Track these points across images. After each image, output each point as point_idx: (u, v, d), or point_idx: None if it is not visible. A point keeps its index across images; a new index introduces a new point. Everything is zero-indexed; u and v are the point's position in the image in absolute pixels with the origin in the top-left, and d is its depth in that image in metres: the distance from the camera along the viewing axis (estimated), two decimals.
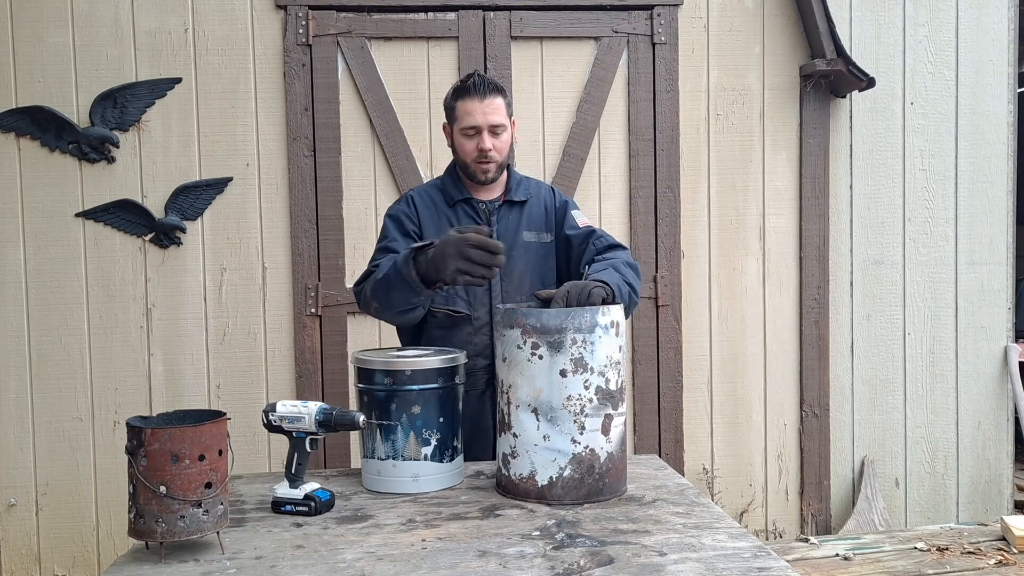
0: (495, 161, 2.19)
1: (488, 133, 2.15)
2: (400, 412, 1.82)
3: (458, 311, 2.19)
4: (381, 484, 1.85)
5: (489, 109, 2.15)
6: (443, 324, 2.20)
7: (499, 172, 2.22)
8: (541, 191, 2.34)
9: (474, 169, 2.20)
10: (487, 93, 2.15)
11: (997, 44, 3.58)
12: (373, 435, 1.84)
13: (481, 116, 2.14)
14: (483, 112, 2.14)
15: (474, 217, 2.23)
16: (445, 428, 1.86)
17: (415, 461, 1.83)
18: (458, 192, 2.25)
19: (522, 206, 2.27)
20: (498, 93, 2.17)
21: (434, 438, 1.84)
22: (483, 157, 2.17)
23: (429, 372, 1.84)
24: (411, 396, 1.82)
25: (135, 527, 1.44)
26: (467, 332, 2.20)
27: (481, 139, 2.15)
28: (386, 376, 1.83)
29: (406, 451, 1.83)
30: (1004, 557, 2.73)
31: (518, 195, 2.27)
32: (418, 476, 1.84)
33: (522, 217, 2.26)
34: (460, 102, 2.17)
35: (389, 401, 1.83)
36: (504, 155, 2.21)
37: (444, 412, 1.87)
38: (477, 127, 2.15)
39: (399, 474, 1.84)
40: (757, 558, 1.42)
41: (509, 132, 2.22)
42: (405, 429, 1.82)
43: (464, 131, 2.18)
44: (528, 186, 2.32)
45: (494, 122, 2.15)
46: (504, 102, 2.19)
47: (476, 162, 2.18)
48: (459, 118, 2.18)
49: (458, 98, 2.18)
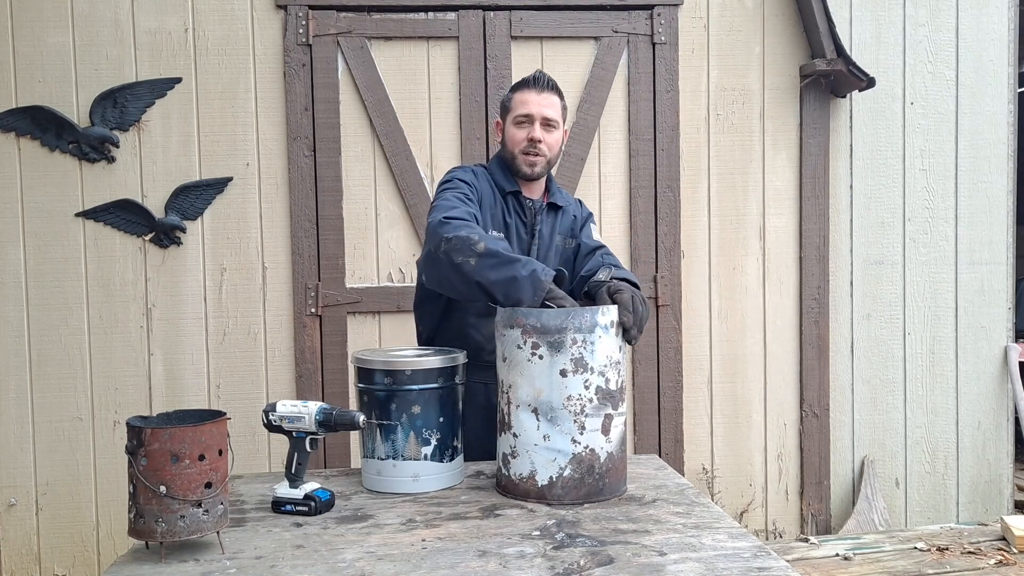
0: (544, 155, 2.19)
1: (540, 124, 2.16)
2: (400, 412, 1.83)
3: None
4: (381, 484, 1.85)
5: (546, 102, 2.17)
6: (480, 312, 2.16)
7: (545, 168, 2.23)
8: (571, 200, 2.39)
9: (520, 161, 2.19)
10: (546, 88, 2.17)
11: (997, 44, 3.58)
12: (373, 435, 1.84)
13: (536, 106, 2.16)
14: (539, 103, 2.16)
15: (520, 213, 2.24)
16: (445, 428, 1.86)
17: (415, 461, 1.83)
18: (508, 184, 2.24)
19: (559, 211, 2.30)
20: (556, 93, 2.20)
21: (434, 438, 1.84)
22: (532, 147, 2.17)
23: (429, 372, 1.84)
24: (411, 396, 1.83)
25: (135, 527, 1.44)
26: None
27: (532, 128, 2.16)
28: (386, 376, 1.83)
29: (406, 451, 1.83)
30: (1004, 557, 2.73)
31: (559, 200, 2.31)
32: (418, 476, 1.84)
33: (557, 221, 2.29)
34: (517, 93, 2.20)
35: (389, 401, 1.83)
36: (553, 152, 2.22)
37: (444, 412, 1.87)
38: (530, 115, 2.16)
39: (399, 474, 1.84)
40: (757, 558, 1.42)
41: (560, 133, 2.23)
42: (405, 429, 1.82)
43: (517, 119, 2.18)
44: (563, 194, 2.37)
45: (548, 115, 2.17)
46: (561, 103, 2.21)
47: (524, 152, 2.18)
48: (514, 108, 2.20)
49: (516, 90, 2.21)
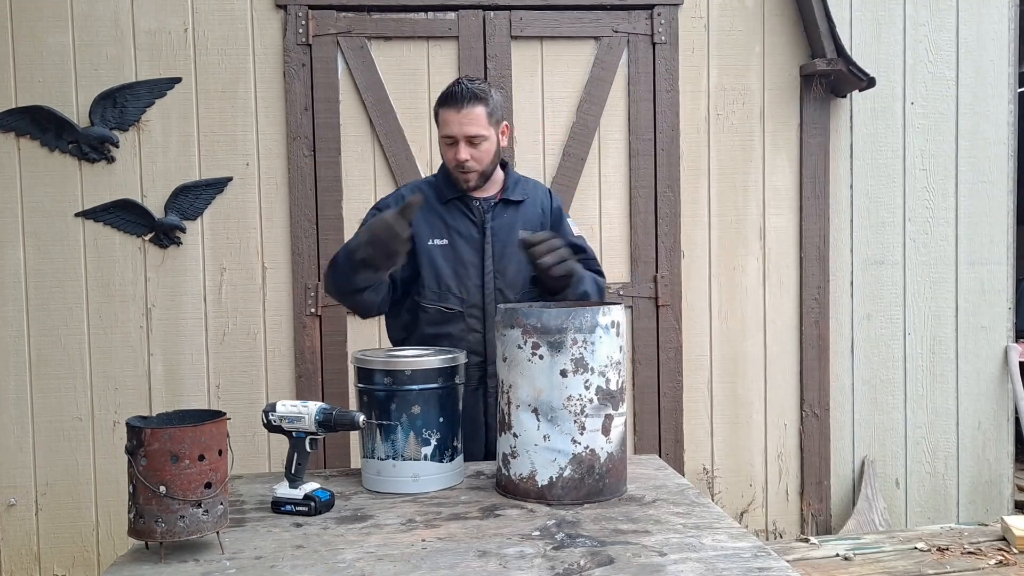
0: (474, 171, 2.18)
1: (465, 144, 2.15)
2: (400, 412, 1.82)
3: (450, 307, 2.20)
4: (381, 484, 1.85)
5: (466, 120, 2.13)
6: (435, 320, 2.21)
7: (481, 180, 2.22)
8: (538, 192, 2.35)
9: (456, 178, 2.22)
10: (464, 103, 2.13)
11: (997, 44, 3.58)
12: (373, 435, 1.84)
13: (457, 127, 2.14)
14: (459, 123, 2.14)
15: (467, 214, 2.24)
16: (445, 428, 1.86)
17: (415, 461, 1.83)
18: (451, 191, 2.25)
19: (518, 205, 2.27)
20: (478, 102, 2.14)
21: (434, 438, 1.84)
22: (460, 168, 2.18)
23: (429, 372, 1.84)
24: (411, 396, 1.82)
25: (135, 527, 1.44)
26: (460, 329, 2.20)
27: (458, 149, 2.16)
28: (386, 376, 1.83)
29: (406, 451, 1.83)
30: (1004, 557, 2.73)
31: (515, 195, 2.27)
32: (418, 476, 1.83)
33: (518, 216, 2.26)
34: (441, 110, 2.19)
35: (389, 401, 1.83)
36: (485, 164, 2.20)
37: (444, 412, 1.86)
38: (453, 137, 2.16)
39: (399, 474, 1.83)
40: (757, 558, 1.41)
41: (492, 140, 2.19)
42: (405, 429, 1.82)
43: (443, 139, 2.20)
44: (526, 186, 2.32)
45: (470, 133, 2.14)
46: (485, 111, 2.16)
47: (456, 170, 2.20)
48: (440, 126, 2.21)
49: (440, 105, 2.20)
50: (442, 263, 2.20)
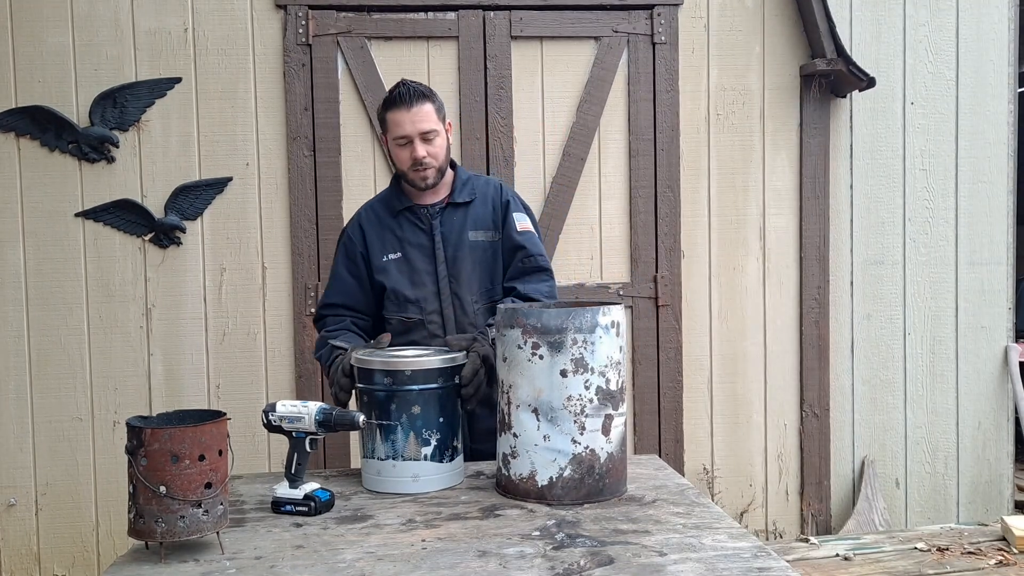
0: (432, 167, 2.20)
1: (420, 141, 2.17)
2: (400, 412, 1.82)
3: (410, 317, 2.23)
4: (381, 484, 1.85)
5: (418, 117, 2.16)
6: (398, 331, 2.23)
7: (439, 176, 2.24)
8: (488, 189, 2.34)
9: (412, 177, 2.23)
10: (414, 102, 2.16)
11: (997, 44, 3.58)
12: (373, 435, 1.84)
13: (410, 125, 2.16)
14: (412, 121, 2.16)
15: (416, 223, 2.26)
16: (445, 428, 1.86)
17: (415, 461, 1.83)
18: (399, 202, 2.29)
19: (467, 206, 2.28)
20: (425, 100, 2.19)
21: (434, 438, 1.84)
22: (418, 165, 2.19)
23: (429, 372, 1.84)
24: (411, 396, 1.82)
25: (135, 527, 1.44)
26: (422, 336, 2.23)
27: (413, 148, 2.18)
28: (386, 376, 1.83)
29: (406, 451, 1.83)
30: (1004, 557, 2.73)
31: (462, 196, 2.28)
32: (418, 476, 1.83)
33: (467, 217, 2.27)
34: (389, 113, 2.20)
35: (389, 401, 1.83)
36: (441, 160, 2.22)
37: (444, 412, 1.86)
38: (407, 136, 2.17)
39: (399, 474, 1.83)
40: (757, 558, 1.41)
41: (443, 137, 2.23)
42: (405, 429, 1.82)
43: (396, 141, 2.20)
44: (475, 185, 2.33)
45: (423, 129, 2.17)
46: (434, 107, 2.20)
47: (413, 170, 2.21)
48: (390, 129, 2.21)
49: (387, 109, 2.21)
50: (397, 276, 2.24)
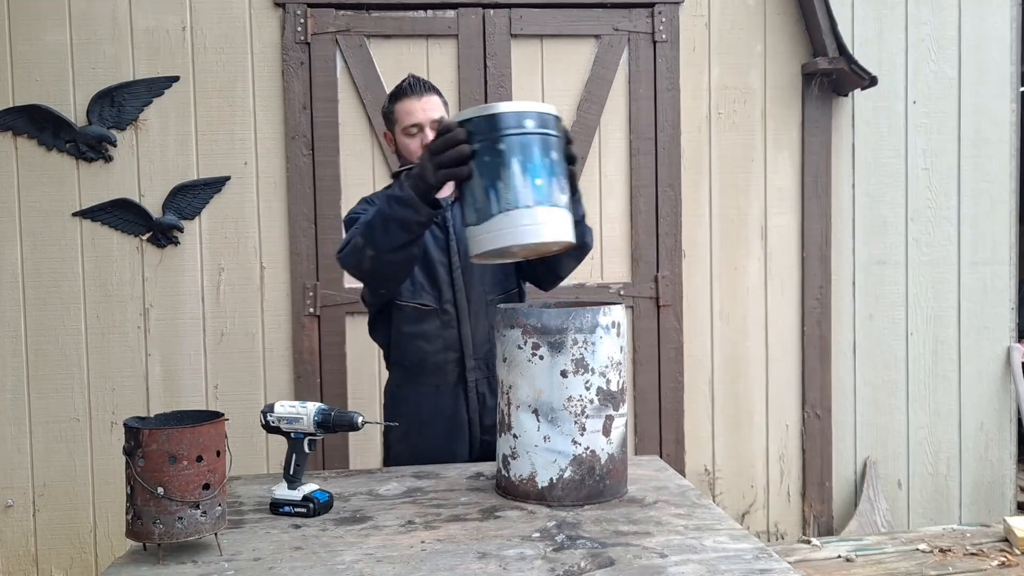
0: None
1: (431, 129, 2.17)
2: (545, 155, 1.61)
3: (425, 304, 2.20)
4: (524, 235, 1.57)
5: (428, 106, 2.18)
6: (411, 318, 2.20)
7: None
8: None
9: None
10: (423, 92, 2.19)
11: (1000, 43, 3.57)
12: (513, 179, 1.57)
13: (422, 113, 2.17)
14: (423, 109, 2.17)
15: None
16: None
17: (557, 208, 1.61)
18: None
19: None
20: (434, 92, 2.21)
21: (568, 188, 1.66)
22: None
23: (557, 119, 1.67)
24: (551, 141, 1.62)
25: (133, 528, 1.43)
26: (435, 326, 2.20)
27: (424, 135, 2.17)
28: (528, 119, 1.60)
29: (552, 197, 1.59)
30: (1007, 558, 2.72)
31: None
32: (564, 223, 1.61)
33: None
34: (398, 104, 2.20)
35: (532, 145, 1.59)
36: None
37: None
38: (419, 124, 2.17)
39: (548, 220, 1.59)
40: (759, 560, 1.40)
41: None
42: (551, 172, 1.60)
43: (406, 131, 2.19)
44: None
45: (434, 117, 2.18)
46: (441, 101, 2.22)
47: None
48: (399, 120, 2.20)
49: (395, 101, 2.21)
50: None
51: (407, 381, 2.26)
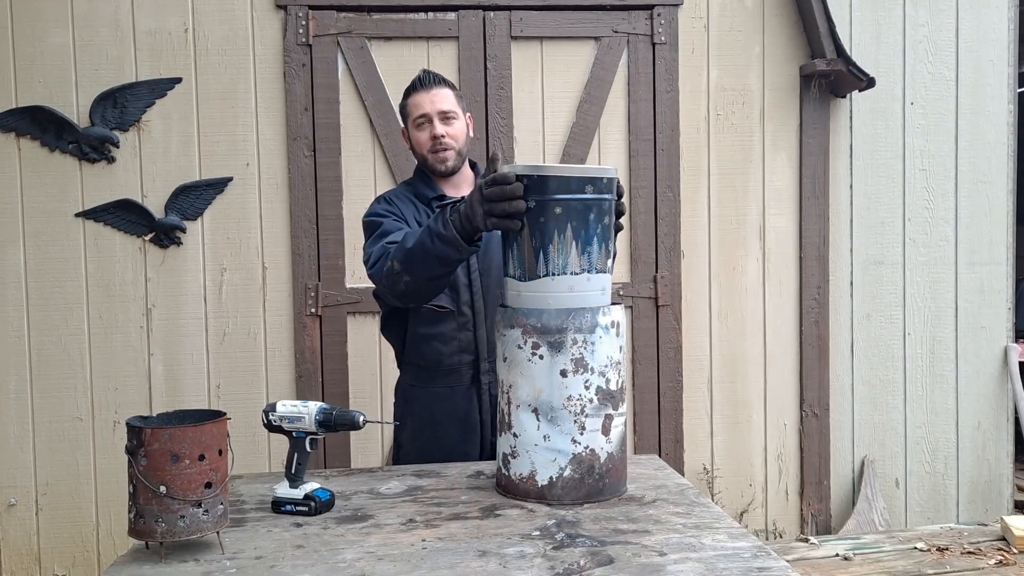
0: (451, 148, 2.21)
1: (439, 120, 2.19)
2: (597, 222, 1.71)
3: (442, 306, 2.20)
4: (571, 300, 1.70)
5: (437, 98, 2.20)
6: (427, 320, 2.20)
7: (459, 160, 2.24)
8: None
9: (432, 160, 2.22)
10: (433, 85, 2.22)
11: (997, 44, 3.58)
12: (565, 246, 1.67)
13: (429, 104, 2.20)
14: (431, 101, 2.20)
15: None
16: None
17: (602, 274, 1.75)
18: (430, 190, 2.26)
19: None
20: (445, 85, 2.24)
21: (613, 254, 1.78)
22: (438, 144, 2.19)
23: (612, 182, 1.75)
24: (604, 206, 1.72)
25: (135, 527, 1.44)
26: (451, 328, 2.20)
27: (433, 126, 2.19)
28: (588, 184, 1.69)
29: (598, 262, 1.72)
30: (1004, 557, 2.73)
31: None
32: (605, 289, 1.76)
33: None
34: (409, 99, 2.24)
35: (588, 211, 1.69)
36: (460, 143, 2.23)
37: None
38: (426, 115, 2.20)
39: (592, 287, 1.73)
40: (757, 558, 1.41)
41: (463, 122, 2.25)
42: (600, 240, 1.71)
43: (416, 122, 2.22)
44: None
45: (442, 108, 2.19)
46: (453, 94, 2.24)
47: (432, 152, 2.21)
48: (410, 113, 2.24)
49: (407, 96, 2.25)
50: None
51: (420, 381, 2.26)
